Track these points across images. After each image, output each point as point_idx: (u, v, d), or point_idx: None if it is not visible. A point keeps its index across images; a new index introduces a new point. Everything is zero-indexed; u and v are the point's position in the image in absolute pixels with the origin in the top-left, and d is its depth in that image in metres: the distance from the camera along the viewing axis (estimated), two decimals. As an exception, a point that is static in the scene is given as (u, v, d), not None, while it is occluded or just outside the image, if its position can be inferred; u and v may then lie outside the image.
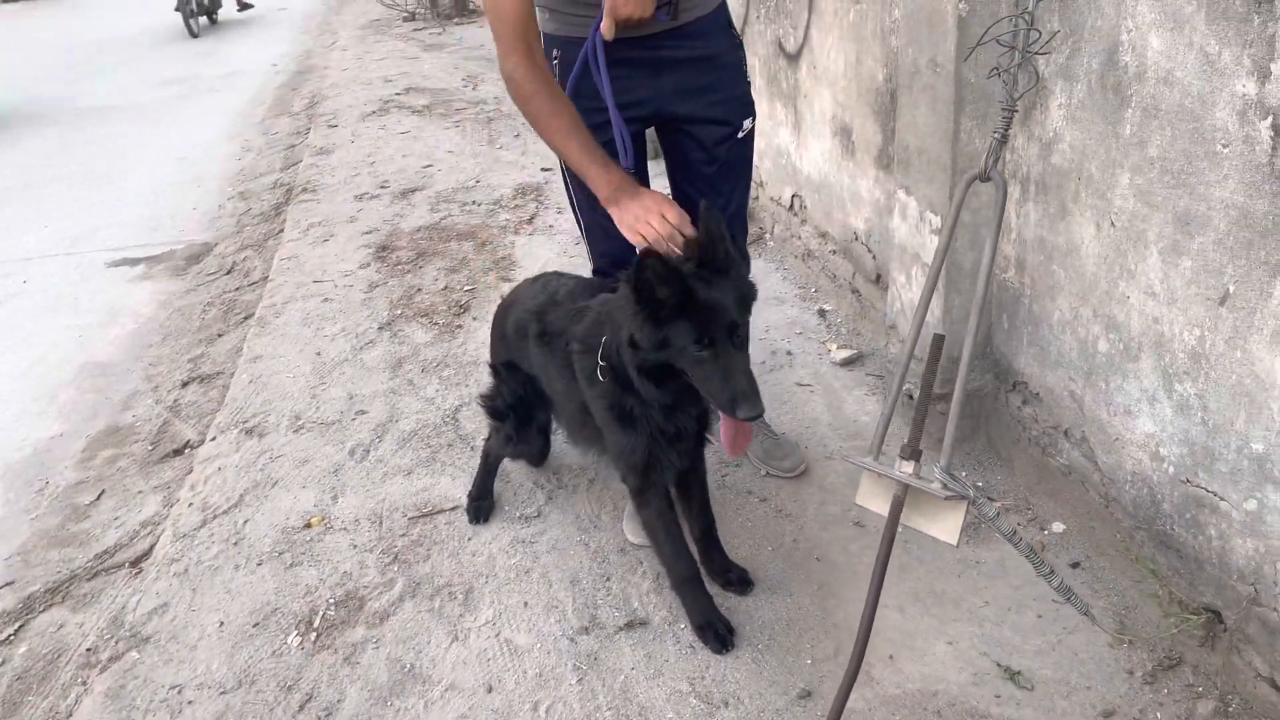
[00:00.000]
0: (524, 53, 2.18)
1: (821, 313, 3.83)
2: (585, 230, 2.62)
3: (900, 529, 1.87)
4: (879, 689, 2.15)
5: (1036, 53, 1.71)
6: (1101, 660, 2.15)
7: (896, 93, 3.01)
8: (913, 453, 1.80)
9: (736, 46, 2.53)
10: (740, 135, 2.54)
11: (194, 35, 13.69)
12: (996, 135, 1.75)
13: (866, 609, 1.83)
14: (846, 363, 3.43)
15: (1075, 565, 2.40)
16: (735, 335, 1.91)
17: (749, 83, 2.55)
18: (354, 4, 14.54)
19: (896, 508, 1.81)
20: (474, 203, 5.58)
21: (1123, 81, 2.04)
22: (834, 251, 3.79)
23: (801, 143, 3.96)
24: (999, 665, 2.17)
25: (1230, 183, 1.79)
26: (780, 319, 3.83)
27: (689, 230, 2.00)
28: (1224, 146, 1.78)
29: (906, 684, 2.15)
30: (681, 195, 2.61)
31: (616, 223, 2.12)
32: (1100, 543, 2.39)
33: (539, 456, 2.81)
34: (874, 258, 3.43)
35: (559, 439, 2.84)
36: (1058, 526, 2.53)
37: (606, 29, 2.22)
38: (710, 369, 1.90)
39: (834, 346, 3.55)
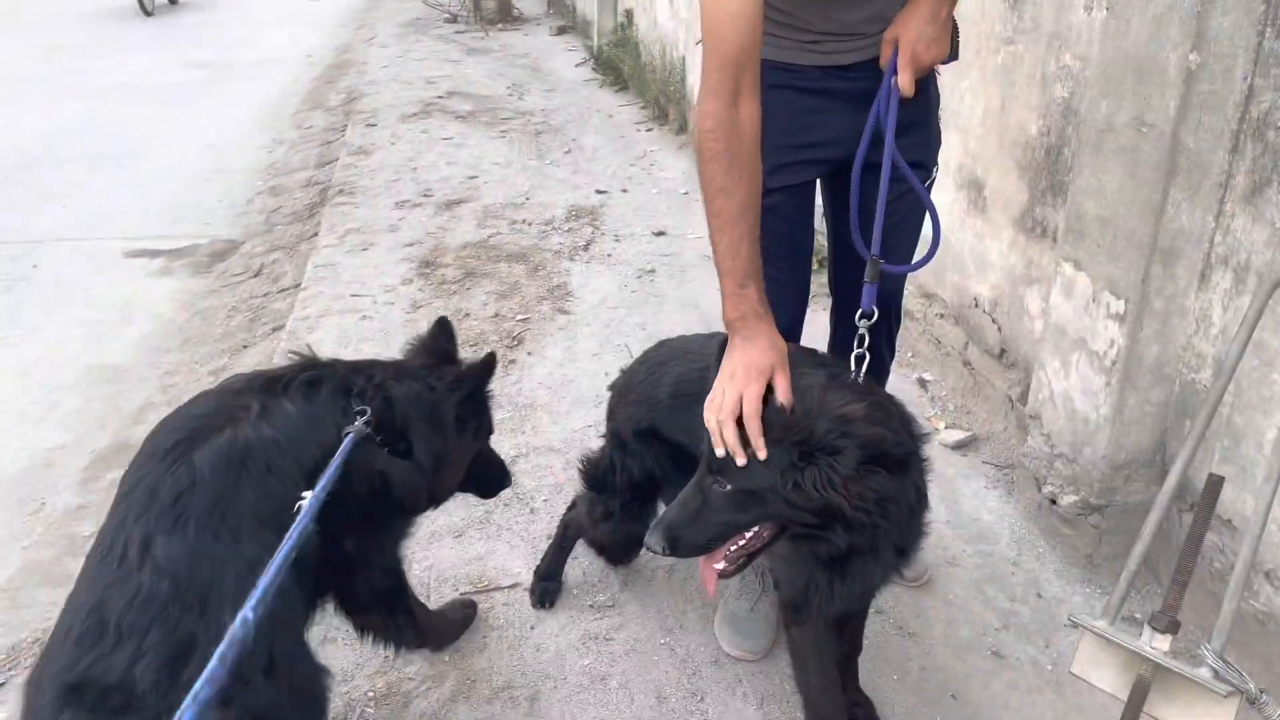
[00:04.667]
0: (727, 98, 1.68)
1: (922, 382, 3.43)
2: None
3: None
4: None
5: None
6: None
7: (1064, 149, 2.62)
8: (1170, 624, 1.39)
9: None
10: (929, 182, 2.09)
11: (148, 13, 12.93)
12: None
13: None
14: (959, 446, 3.03)
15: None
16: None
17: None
18: (391, 1, 14.20)
19: (1141, 692, 1.41)
20: (524, 222, 5.18)
21: None
22: (942, 315, 3.40)
23: (910, 191, 3.57)
24: None
25: None
26: (874, 385, 3.43)
27: (754, 433, 1.56)
28: None
29: None
30: (841, 258, 2.19)
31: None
32: (1313, 715, 1.99)
33: (634, 547, 2.32)
34: (999, 330, 3.04)
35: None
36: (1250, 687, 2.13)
37: (906, 84, 1.84)
38: None
39: (942, 425, 3.15)
